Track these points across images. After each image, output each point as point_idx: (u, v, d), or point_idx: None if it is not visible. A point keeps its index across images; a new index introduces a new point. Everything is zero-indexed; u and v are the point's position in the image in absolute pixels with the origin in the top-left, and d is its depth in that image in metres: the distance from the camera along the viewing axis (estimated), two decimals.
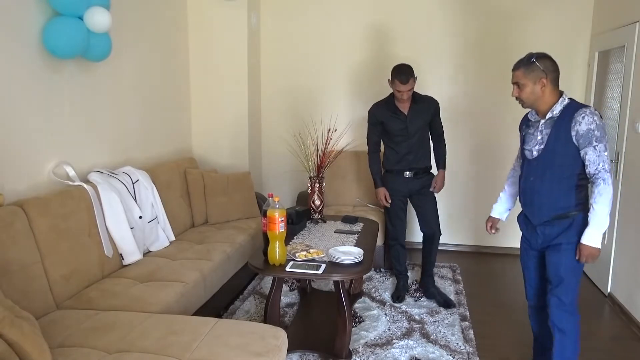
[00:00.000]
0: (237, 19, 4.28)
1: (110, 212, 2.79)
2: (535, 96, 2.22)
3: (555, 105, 2.20)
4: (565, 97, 2.23)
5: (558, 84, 2.24)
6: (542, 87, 2.19)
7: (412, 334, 3.03)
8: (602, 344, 3.04)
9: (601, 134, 2.08)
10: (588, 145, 2.08)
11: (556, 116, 2.19)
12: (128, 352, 1.87)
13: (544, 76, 2.18)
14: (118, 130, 3.34)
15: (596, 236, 2.13)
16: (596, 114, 2.10)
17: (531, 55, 2.22)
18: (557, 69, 2.23)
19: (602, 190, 2.09)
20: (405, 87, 3.20)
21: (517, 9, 4.35)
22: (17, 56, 2.44)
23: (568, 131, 2.12)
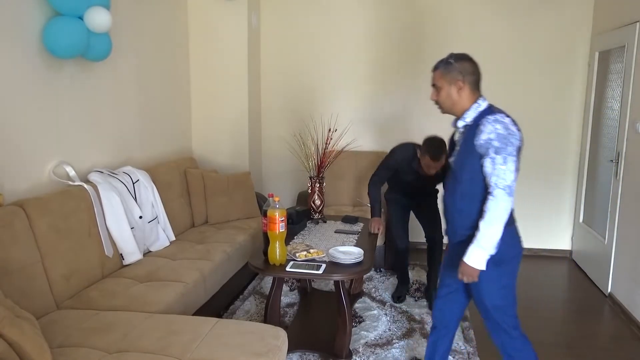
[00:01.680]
0: (237, 19, 4.28)
1: (110, 212, 2.79)
2: (452, 100, 2.01)
3: (467, 112, 2.00)
4: (480, 102, 2.00)
5: (478, 88, 2.03)
6: (459, 91, 1.99)
7: (412, 334, 3.03)
8: (602, 344, 3.04)
9: (502, 144, 1.85)
10: (485, 155, 1.88)
11: (469, 124, 1.99)
12: (128, 352, 1.86)
13: (461, 78, 1.97)
14: (118, 130, 3.34)
15: (477, 256, 1.91)
16: (500, 122, 1.88)
17: (450, 56, 2.03)
18: (477, 71, 2.01)
19: (490, 207, 1.87)
20: (436, 163, 3.01)
21: (517, 9, 4.35)
22: (17, 56, 2.44)
23: (472, 141, 1.92)
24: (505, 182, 1.85)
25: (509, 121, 1.90)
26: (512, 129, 1.88)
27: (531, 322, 3.27)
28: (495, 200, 1.86)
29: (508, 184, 1.85)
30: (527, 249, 4.66)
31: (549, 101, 4.43)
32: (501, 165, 1.85)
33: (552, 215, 4.58)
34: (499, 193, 1.85)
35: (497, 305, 2.04)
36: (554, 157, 4.50)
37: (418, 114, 4.64)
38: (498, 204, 1.86)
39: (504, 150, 1.85)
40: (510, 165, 1.86)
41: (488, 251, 1.90)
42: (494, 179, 1.86)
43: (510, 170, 1.86)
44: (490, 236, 1.88)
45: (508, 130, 1.87)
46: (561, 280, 4.13)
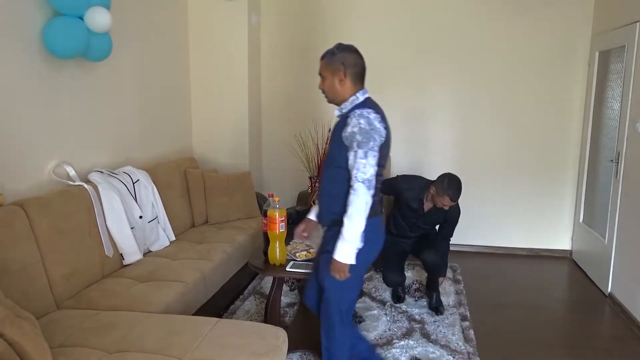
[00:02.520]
0: (237, 19, 4.28)
1: (110, 212, 2.79)
2: (334, 90, 2.07)
3: (345, 103, 2.07)
4: (359, 95, 2.07)
5: (361, 81, 2.09)
6: (340, 82, 2.05)
7: (412, 334, 3.03)
8: (602, 344, 3.04)
9: (364, 139, 1.92)
10: (350, 148, 1.96)
11: (344, 115, 2.06)
12: (128, 352, 1.87)
13: (342, 69, 2.03)
14: (118, 130, 3.34)
15: (345, 250, 1.96)
16: (364, 117, 1.95)
17: (336, 46, 2.09)
18: (361, 64, 2.07)
19: (351, 200, 1.93)
20: (452, 203, 3.05)
21: (517, 9, 4.35)
22: (17, 56, 2.44)
23: (341, 132, 2.00)
24: (364, 175, 1.92)
25: (374, 117, 1.96)
26: (376, 124, 1.96)
27: (531, 322, 3.28)
28: (355, 194, 1.93)
29: (367, 178, 1.92)
30: (527, 249, 4.67)
31: (549, 101, 4.43)
32: (362, 159, 1.92)
33: (552, 215, 4.58)
34: (359, 186, 1.92)
35: (337, 289, 2.09)
36: (554, 157, 4.50)
37: (418, 114, 4.64)
38: (358, 197, 1.92)
39: (365, 145, 1.92)
40: (371, 160, 1.93)
41: (354, 244, 1.96)
42: (354, 172, 1.93)
43: (370, 164, 1.93)
44: (354, 229, 1.94)
45: (371, 125, 1.94)
46: (561, 280, 4.13)
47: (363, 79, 2.09)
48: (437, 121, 4.63)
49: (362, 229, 1.95)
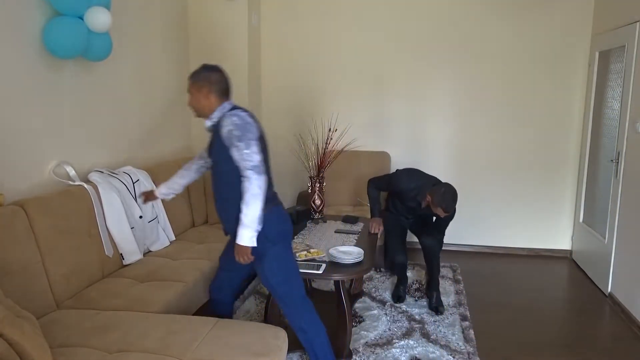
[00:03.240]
0: (237, 19, 4.28)
1: (110, 212, 2.79)
2: (200, 105, 2.25)
3: (214, 113, 2.24)
4: (226, 105, 2.25)
5: (226, 95, 2.28)
6: (205, 97, 2.23)
7: (412, 333, 3.03)
8: (602, 343, 3.04)
9: (242, 132, 2.10)
10: (231, 146, 2.11)
11: (215, 123, 2.23)
12: (128, 352, 1.87)
13: (207, 86, 2.22)
14: (118, 130, 3.34)
15: (245, 235, 2.10)
16: (236, 115, 2.14)
17: (202, 67, 2.28)
18: (224, 81, 2.27)
19: (245, 188, 2.09)
20: (445, 214, 3.10)
21: (517, 9, 4.35)
22: (17, 56, 2.44)
23: (220, 137, 2.16)
24: (252, 162, 2.08)
25: (244, 115, 2.17)
26: (248, 120, 2.15)
27: (531, 322, 3.28)
28: (248, 180, 2.08)
29: (255, 164, 2.09)
30: (527, 249, 4.67)
31: (549, 101, 4.43)
32: (245, 150, 2.08)
33: (552, 215, 4.58)
34: (250, 173, 2.08)
35: (281, 280, 2.25)
36: (554, 156, 4.50)
37: (419, 114, 4.64)
38: (251, 183, 2.07)
39: (244, 137, 2.09)
40: (254, 148, 2.10)
41: (253, 227, 2.10)
42: (243, 164, 2.09)
43: (255, 152, 2.10)
44: (252, 214, 2.08)
45: (244, 120, 2.13)
46: (561, 280, 4.13)
47: (228, 94, 2.29)
48: (437, 121, 4.63)
49: (259, 212, 2.09)
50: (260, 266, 2.24)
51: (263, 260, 2.22)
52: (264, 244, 2.19)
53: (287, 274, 2.28)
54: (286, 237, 2.30)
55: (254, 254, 2.18)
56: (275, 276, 2.24)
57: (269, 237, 2.19)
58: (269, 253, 2.21)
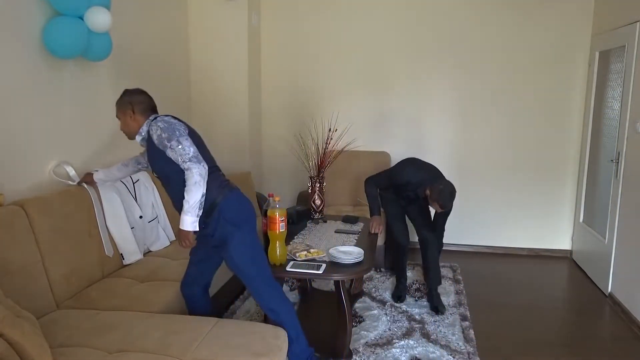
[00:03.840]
0: (237, 19, 4.28)
1: (110, 212, 2.79)
2: (128, 126, 2.34)
3: (142, 128, 2.31)
4: (151, 118, 2.32)
5: (150, 110, 2.35)
6: (131, 117, 2.31)
7: (412, 333, 3.03)
8: (602, 344, 3.04)
9: (169, 133, 2.17)
10: (166, 148, 2.18)
11: (145, 136, 2.30)
12: (128, 352, 1.87)
13: (130, 107, 2.30)
14: (118, 130, 3.33)
15: (187, 220, 2.18)
16: (160, 120, 2.23)
17: (123, 92, 2.37)
18: (147, 100, 2.35)
19: (186, 177, 2.16)
20: (440, 209, 3.13)
21: (517, 9, 4.35)
22: (17, 56, 2.44)
23: (154, 145, 2.23)
24: (189, 154, 2.16)
25: (168, 118, 2.26)
26: (172, 120, 2.25)
27: (531, 322, 3.28)
28: (189, 170, 2.15)
29: (192, 155, 2.16)
30: (527, 248, 4.67)
31: (549, 101, 4.43)
32: (178, 147, 2.16)
33: (552, 215, 4.58)
34: (189, 165, 2.15)
35: (249, 262, 2.30)
36: (554, 156, 4.50)
37: (419, 114, 4.64)
38: (192, 172, 2.14)
39: (174, 136, 2.17)
40: (186, 143, 2.18)
41: (194, 213, 2.17)
42: (181, 159, 2.16)
43: (187, 145, 2.18)
44: (192, 200, 2.15)
45: (168, 122, 2.22)
46: (561, 280, 4.13)
47: (151, 108, 2.37)
48: (437, 121, 4.63)
49: (199, 198, 2.16)
50: (226, 251, 2.28)
51: (229, 245, 2.25)
52: (227, 229, 2.25)
53: (254, 255, 2.32)
54: (248, 219, 2.35)
55: (220, 241, 2.26)
56: (242, 259, 2.28)
57: (231, 221, 2.25)
58: (234, 237, 2.25)
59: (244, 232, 2.29)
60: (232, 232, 2.25)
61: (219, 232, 2.26)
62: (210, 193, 2.22)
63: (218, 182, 2.29)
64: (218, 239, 2.28)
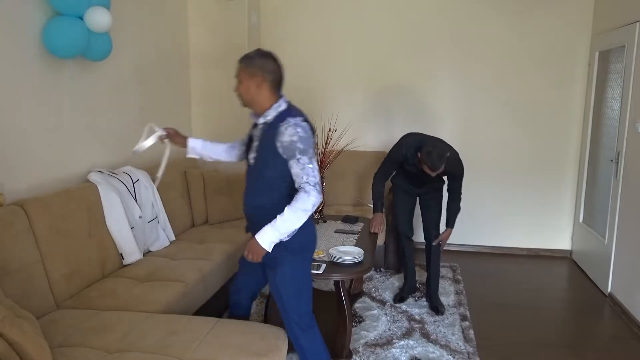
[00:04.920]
0: (237, 19, 4.28)
1: (110, 212, 2.79)
2: (250, 94, 2.07)
3: (268, 111, 2.06)
4: (281, 103, 2.08)
5: (279, 88, 2.11)
6: (257, 86, 2.04)
7: (412, 333, 3.03)
8: (602, 344, 3.04)
9: (306, 146, 1.95)
10: (292, 157, 1.96)
11: (269, 122, 2.05)
12: (128, 352, 1.87)
13: (260, 74, 2.03)
14: (118, 129, 3.34)
15: (268, 236, 1.96)
16: (301, 125, 1.97)
17: (256, 51, 2.08)
18: (279, 71, 2.09)
19: (300, 198, 1.94)
20: (433, 172, 2.98)
21: (517, 9, 4.35)
22: (17, 56, 2.44)
23: (274, 141, 1.98)
24: (315, 179, 1.96)
25: (307, 126, 2.01)
26: (310, 132, 2.02)
27: (531, 322, 3.28)
28: (307, 195, 1.93)
29: (317, 181, 1.97)
30: (527, 248, 4.67)
31: (549, 101, 4.43)
32: (309, 165, 1.96)
33: (552, 215, 4.58)
34: (311, 190, 1.94)
35: (291, 293, 2.10)
36: (554, 157, 4.50)
37: (418, 114, 4.64)
38: (309, 198, 1.93)
39: (307, 152, 1.96)
40: (315, 165, 1.98)
41: (280, 236, 1.97)
42: (304, 178, 1.95)
43: (316, 168, 1.98)
44: (289, 223, 1.95)
45: (307, 133, 1.99)
46: (561, 280, 4.13)
47: (280, 87, 2.13)
48: (437, 121, 4.63)
49: (296, 227, 1.97)
50: (273, 274, 2.11)
51: (277, 269, 2.08)
52: (282, 253, 2.04)
53: (299, 288, 2.12)
54: (307, 248, 2.13)
55: (270, 261, 2.07)
56: (286, 287, 2.10)
57: (289, 247, 2.03)
58: (285, 263, 2.06)
59: (297, 260, 2.09)
60: (285, 257, 2.05)
61: (272, 253, 2.02)
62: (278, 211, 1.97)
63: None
64: (269, 259, 2.05)
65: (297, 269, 2.10)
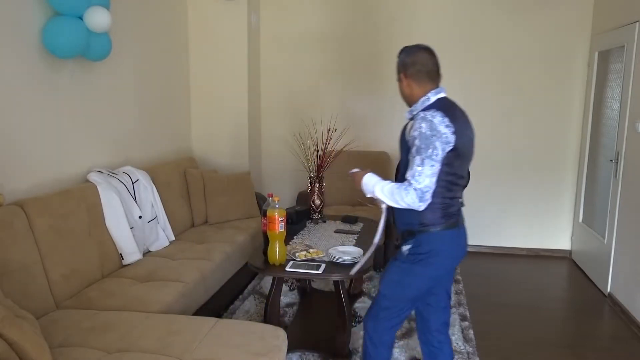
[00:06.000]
0: (237, 19, 4.29)
1: (109, 212, 2.79)
2: (403, 93, 2.00)
3: (415, 105, 1.95)
4: (430, 96, 1.92)
5: (431, 80, 1.96)
6: (403, 83, 1.98)
7: (411, 333, 3.03)
8: (601, 343, 3.04)
9: (423, 145, 1.78)
10: (410, 151, 1.86)
11: (413, 116, 1.93)
12: (128, 352, 1.86)
13: (403, 71, 1.97)
14: (118, 130, 3.34)
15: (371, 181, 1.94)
16: (427, 121, 1.79)
17: (400, 50, 2.02)
18: (423, 62, 1.95)
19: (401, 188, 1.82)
20: None
21: (516, 9, 4.35)
22: (17, 56, 2.44)
23: (405, 134, 1.91)
24: (418, 184, 1.79)
25: (439, 121, 1.79)
26: (440, 129, 1.78)
27: (531, 322, 3.28)
28: (406, 192, 1.80)
29: (421, 188, 1.78)
30: (527, 248, 4.67)
31: (548, 101, 4.43)
32: (418, 167, 1.79)
33: (552, 215, 4.58)
34: (411, 192, 1.79)
35: (389, 294, 2.03)
36: (553, 156, 4.50)
37: None
38: (405, 197, 1.80)
39: (424, 152, 1.79)
40: (427, 170, 1.78)
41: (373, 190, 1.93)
42: (409, 174, 1.82)
43: (426, 174, 1.78)
44: (382, 194, 1.89)
45: (433, 131, 1.78)
46: (561, 280, 4.13)
47: (433, 78, 1.96)
48: None
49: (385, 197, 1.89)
50: (387, 268, 2.05)
51: (392, 265, 2.01)
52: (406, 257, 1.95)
53: (400, 292, 2.01)
54: (432, 259, 1.93)
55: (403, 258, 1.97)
56: (388, 286, 2.02)
57: (418, 254, 1.92)
58: (402, 265, 1.97)
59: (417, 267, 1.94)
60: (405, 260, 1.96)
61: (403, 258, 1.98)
62: (423, 215, 1.86)
63: (441, 213, 1.89)
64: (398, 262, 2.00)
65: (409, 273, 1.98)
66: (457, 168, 1.90)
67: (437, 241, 1.92)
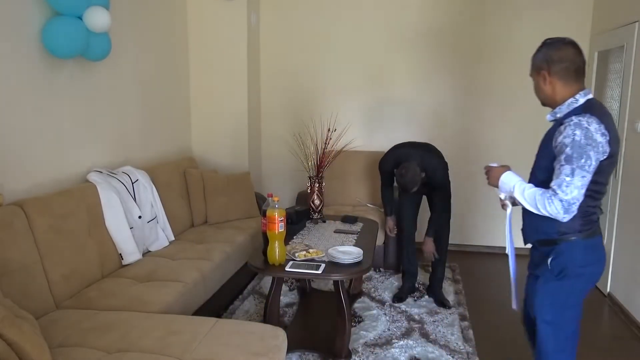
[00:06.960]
0: (236, 19, 4.29)
1: (109, 212, 2.79)
2: (542, 92, 1.85)
3: (560, 107, 1.79)
4: (579, 97, 1.76)
5: (576, 79, 1.77)
6: (545, 82, 1.81)
7: (411, 333, 3.03)
8: (602, 343, 3.04)
9: (576, 154, 1.64)
10: (556, 159, 1.72)
11: (558, 120, 1.79)
12: (128, 352, 1.87)
13: (545, 67, 1.79)
14: (118, 130, 3.34)
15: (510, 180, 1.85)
16: (581, 128, 1.64)
17: (542, 42, 1.86)
18: (570, 58, 1.75)
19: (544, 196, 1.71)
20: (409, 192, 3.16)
21: (516, 9, 4.35)
22: (17, 56, 2.44)
23: (550, 143, 1.76)
24: (565, 195, 1.66)
25: (595, 128, 1.64)
26: (597, 137, 1.64)
27: None
28: (549, 203, 1.69)
29: (568, 199, 1.66)
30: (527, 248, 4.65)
31: None
32: (567, 177, 1.66)
33: None
34: (556, 202, 1.68)
35: (547, 320, 1.88)
36: None
37: (418, 113, 4.64)
38: (548, 206, 1.69)
39: (575, 161, 1.64)
40: (577, 181, 1.65)
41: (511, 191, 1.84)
42: (554, 186, 1.69)
43: (576, 185, 1.65)
44: (523, 198, 1.79)
45: (589, 139, 1.64)
46: None
47: (579, 77, 1.78)
48: (436, 121, 4.63)
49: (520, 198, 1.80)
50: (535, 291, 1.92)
51: (538, 289, 1.89)
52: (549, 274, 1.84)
53: (560, 315, 1.86)
54: (577, 277, 1.82)
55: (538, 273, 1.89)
56: (542, 314, 1.88)
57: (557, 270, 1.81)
58: (547, 285, 1.85)
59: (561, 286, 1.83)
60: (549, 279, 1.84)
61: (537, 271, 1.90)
62: (562, 223, 1.75)
63: (582, 220, 1.77)
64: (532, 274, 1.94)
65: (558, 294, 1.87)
66: (606, 176, 1.76)
67: (581, 251, 1.80)
